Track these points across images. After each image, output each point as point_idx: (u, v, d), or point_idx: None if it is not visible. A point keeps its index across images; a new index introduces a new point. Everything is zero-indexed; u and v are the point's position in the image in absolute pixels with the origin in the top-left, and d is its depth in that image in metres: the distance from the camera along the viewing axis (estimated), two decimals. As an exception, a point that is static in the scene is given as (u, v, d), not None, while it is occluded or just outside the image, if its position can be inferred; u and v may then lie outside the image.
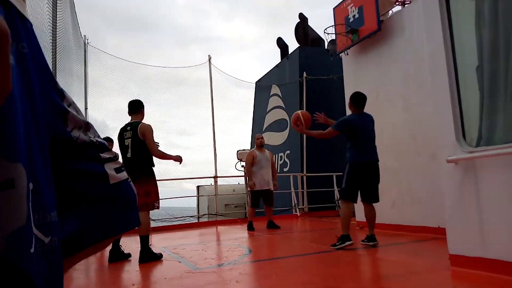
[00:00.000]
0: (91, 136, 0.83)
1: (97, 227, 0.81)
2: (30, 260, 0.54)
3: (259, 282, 3.19)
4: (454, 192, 3.06)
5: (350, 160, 4.30)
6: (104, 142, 0.86)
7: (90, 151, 0.82)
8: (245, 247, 4.90)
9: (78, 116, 0.80)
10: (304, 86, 11.60)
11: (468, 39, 3.15)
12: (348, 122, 4.34)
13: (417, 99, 5.38)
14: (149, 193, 4.14)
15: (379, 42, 6.14)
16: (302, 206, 9.60)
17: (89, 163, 0.81)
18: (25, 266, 0.53)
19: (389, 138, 5.73)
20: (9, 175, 0.52)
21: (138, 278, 3.46)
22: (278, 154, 12.79)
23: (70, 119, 0.78)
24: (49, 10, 5.26)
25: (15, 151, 0.54)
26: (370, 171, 4.28)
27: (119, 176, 0.85)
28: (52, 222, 0.62)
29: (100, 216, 0.81)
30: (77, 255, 0.80)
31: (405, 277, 3.00)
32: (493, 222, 2.76)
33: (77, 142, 0.79)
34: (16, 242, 0.52)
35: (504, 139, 2.74)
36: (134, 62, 12.44)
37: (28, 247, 0.54)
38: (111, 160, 0.85)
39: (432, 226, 4.97)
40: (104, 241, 0.84)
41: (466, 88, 3.12)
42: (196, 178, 10.65)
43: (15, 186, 0.52)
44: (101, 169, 0.82)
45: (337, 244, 4.19)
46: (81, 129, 0.80)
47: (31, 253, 0.54)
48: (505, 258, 2.64)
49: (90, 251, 0.85)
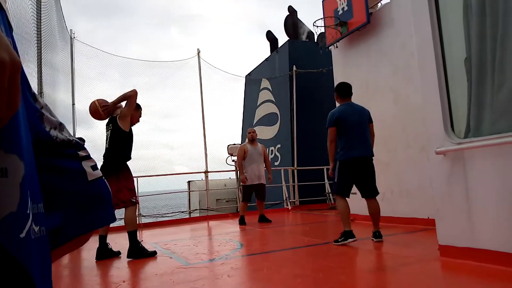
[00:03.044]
0: (67, 135, 0.86)
1: (75, 222, 0.83)
2: (19, 243, 0.57)
3: (250, 276, 3.19)
4: (443, 183, 3.09)
5: (339, 158, 4.14)
6: (79, 141, 0.89)
7: (68, 149, 0.85)
8: (236, 241, 4.90)
9: (52, 117, 0.84)
10: (294, 80, 11.59)
11: (456, 31, 3.16)
12: (334, 113, 4.18)
13: (407, 92, 5.41)
14: (120, 190, 4.09)
15: (368, 35, 6.15)
16: (293, 200, 9.63)
17: (68, 160, 0.84)
18: (14, 249, 0.56)
19: (379, 131, 5.73)
20: (3, 164, 0.55)
21: (129, 275, 3.44)
22: (269, 148, 12.79)
23: (46, 120, 0.81)
24: (33, 4, 5.15)
25: (11, 142, 0.57)
26: (362, 167, 4.13)
27: (95, 173, 0.89)
28: (40, 213, 0.66)
29: (78, 212, 0.84)
30: (57, 250, 0.82)
31: (396, 269, 3.03)
32: (482, 212, 2.79)
33: (56, 141, 0.82)
34: (7, 226, 0.55)
35: (492, 130, 2.77)
36: (124, 57, 12.29)
37: (18, 233, 0.57)
38: (87, 158, 0.89)
39: (422, 218, 5.02)
40: (82, 236, 0.87)
41: (454, 80, 3.14)
42: (186, 173, 10.61)
43: (8, 175, 0.56)
44: (79, 167, 0.86)
45: (339, 240, 4.04)
46: (57, 129, 0.84)
47: (20, 238, 0.57)
48: (493, 248, 2.68)
49: (69, 247, 0.87)
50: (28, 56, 4.79)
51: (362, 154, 4.11)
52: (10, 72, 0.48)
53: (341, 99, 4.34)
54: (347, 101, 4.31)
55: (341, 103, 4.33)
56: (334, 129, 4.16)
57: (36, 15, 5.19)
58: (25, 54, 4.76)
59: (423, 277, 2.68)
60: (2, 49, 0.48)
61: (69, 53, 8.73)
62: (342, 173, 4.14)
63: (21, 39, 4.27)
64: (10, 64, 0.48)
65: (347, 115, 4.15)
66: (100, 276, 3.56)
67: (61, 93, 7.78)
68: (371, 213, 4.16)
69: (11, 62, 0.48)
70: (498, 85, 2.76)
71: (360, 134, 4.15)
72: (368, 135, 4.24)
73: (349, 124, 4.13)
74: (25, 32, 4.78)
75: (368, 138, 4.22)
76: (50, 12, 6.45)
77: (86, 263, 4.20)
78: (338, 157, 4.18)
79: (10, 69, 0.48)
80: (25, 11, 4.64)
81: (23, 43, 4.44)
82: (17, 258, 0.56)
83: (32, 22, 5.06)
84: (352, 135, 4.12)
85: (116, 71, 9.83)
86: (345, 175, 4.13)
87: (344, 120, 4.13)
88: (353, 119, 4.15)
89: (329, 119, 4.21)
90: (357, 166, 4.11)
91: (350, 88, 4.36)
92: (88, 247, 4.98)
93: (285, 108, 12.12)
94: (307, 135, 11.05)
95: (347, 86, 4.36)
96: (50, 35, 6.41)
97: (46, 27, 6.04)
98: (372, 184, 4.19)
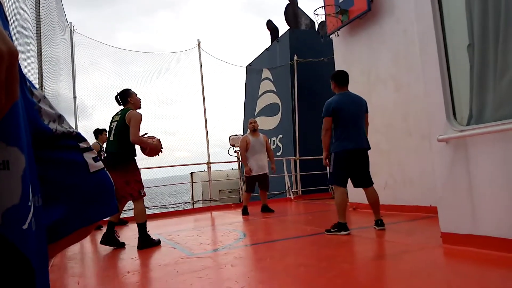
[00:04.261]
0: (67, 127, 0.85)
1: (78, 215, 0.83)
2: (22, 235, 0.58)
3: (254, 265, 3.21)
4: (445, 171, 3.09)
5: (334, 149, 4.12)
6: (79, 133, 0.88)
7: (69, 141, 0.84)
8: (239, 231, 4.93)
9: (50, 110, 0.83)
10: (295, 69, 11.52)
11: (458, 17, 3.13)
12: (331, 103, 4.14)
13: (408, 79, 5.38)
14: (129, 182, 4.12)
15: (369, 23, 6.09)
16: (295, 190, 9.66)
17: (69, 152, 0.83)
18: (17, 241, 0.57)
19: (380, 119, 5.74)
20: (5, 157, 0.56)
21: (134, 265, 3.47)
22: (271, 139, 12.78)
23: (44, 113, 0.80)
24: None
25: (12, 135, 0.58)
26: (357, 159, 4.10)
27: (97, 165, 0.88)
28: (37, 206, 0.66)
29: (80, 204, 0.83)
30: (60, 242, 0.82)
31: (398, 256, 3.04)
32: (484, 199, 2.79)
33: (56, 134, 0.81)
34: (11, 218, 0.56)
35: (494, 117, 2.75)
36: (125, 49, 12.22)
37: (21, 224, 0.58)
38: (89, 150, 0.88)
39: (424, 205, 5.03)
40: (85, 228, 0.86)
41: (456, 67, 3.11)
42: (189, 164, 10.62)
43: (10, 168, 0.57)
44: (80, 158, 0.85)
45: (331, 231, 4.07)
46: (56, 122, 0.83)
47: (23, 229, 0.58)
48: (495, 234, 2.69)
49: (72, 239, 0.86)
50: (28, 50, 4.77)
51: (356, 146, 4.09)
52: (7, 61, 0.48)
53: (338, 88, 4.29)
54: (344, 90, 4.27)
55: (338, 92, 4.28)
56: (330, 119, 4.14)
57: (35, 7, 5.16)
58: (25, 48, 4.74)
59: (425, 265, 2.69)
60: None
61: (69, 46, 8.70)
62: (337, 164, 4.13)
63: (20, 32, 4.25)
64: (7, 54, 0.48)
65: (344, 105, 4.12)
66: (105, 268, 3.60)
67: (61, 86, 7.77)
68: (370, 203, 4.18)
69: (8, 52, 0.48)
70: (500, 71, 2.74)
71: (356, 125, 4.13)
72: (364, 126, 4.22)
73: (345, 115, 4.10)
74: (24, 25, 4.75)
75: (364, 130, 4.20)
76: (50, 3, 6.40)
77: (91, 254, 4.24)
78: (333, 148, 4.16)
79: (7, 59, 0.48)
80: (23, 3, 4.60)
81: (22, 36, 4.42)
82: (21, 249, 0.57)
83: (31, 14, 5.03)
84: (348, 126, 4.10)
85: (116, 62, 9.80)
86: (340, 166, 4.12)
87: (341, 110, 4.09)
88: (349, 110, 4.12)
89: (325, 108, 4.18)
90: (352, 158, 4.10)
91: (347, 77, 4.31)
92: (94, 239, 5.02)
93: (287, 98, 12.08)
94: (309, 124, 11.02)
95: (344, 75, 4.31)
96: (50, 28, 6.37)
97: (46, 19, 6.00)
98: (366, 174, 4.18)
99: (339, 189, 4.14)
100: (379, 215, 4.16)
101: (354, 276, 2.65)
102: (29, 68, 4.36)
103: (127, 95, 4.41)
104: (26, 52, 4.59)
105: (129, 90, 4.45)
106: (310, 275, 2.67)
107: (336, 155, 4.13)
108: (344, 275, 2.63)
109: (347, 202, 4.17)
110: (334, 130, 4.17)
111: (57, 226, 0.78)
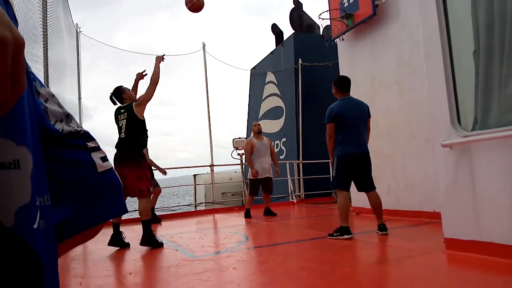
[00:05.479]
0: (75, 127, 0.85)
1: (85, 215, 0.82)
2: (33, 234, 0.58)
3: (256, 269, 3.21)
4: (449, 176, 3.07)
5: (337, 154, 4.14)
6: (88, 132, 0.88)
7: (77, 140, 0.83)
8: (242, 234, 4.92)
9: (58, 109, 0.82)
10: (299, 73, 11.53)
11: (463, 21, 3.12)
12: (333, 109, 4.16)
13: (412, 84, 5.37)
14: (140, 177, 4.16)
15: (374, 27, 6.09)
16: (298, 193, 9.64)
17: (77, 151, 0.83)
18: (29, 240, 0.57)
19: (384, 123, 5.73)
20: (16, 156, 0.56)
21: (135, 267, 3.47)
22: (274, 142, 12.78)
23: (50, 113, 0.80)
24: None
25: (21, 134, 0.58)
26: (359, 163, 4.12)
27: (105, 165, 0.87)
28: (46, 205, 0.66)
29: (88, 204, 0.83)
30: (67, 242, 0.81)
31: (401, 261, 3.03)
32: (487, 205, 2.78)
33: (63, 133, 0.81)
34: (22, 217, 0.56)
35: (499, 122, 2.74)
36: (130, 51, 12.29)
37: (32, 223, 0.58)
38: (97, 150, 0.87)
39: (427, 211, 5.01)
40: (93, 228, 0.86)
41: (461, 72, 3.10)
42: (192, 167, 10.63)
43: (20, 167, 0.57)
44: (88, 158, 0.84)
45: (334, 235, 4.05)
46: (63, 121, 0.82)
47: (34, 228, 0.58)
48: (499, 241, 2.67)
49: (79, 239, 0.85)
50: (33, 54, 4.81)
51: (359, 150, 4.11)
52: (13, 51, 0.46)
53: (340, 93, 4.30)
54: (346, 96, 4.28)
55: (340, 97, 4.29)
56: (332, 125, 4.15)
57: (42, 8, 5.20)
58: (31, 49, 4.78)
59: (428, 270, 2.67)
60: (4, 26, 0.45)
61: (75, 47, 8.75)
62: (340, 168, 4.14)
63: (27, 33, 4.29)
64: (12, 43, 0.46)
65: (346, 110, 4.13)
66: (107, 268, 3.60)
67: (66, 88, 7.82)
68: (373, 207, 4.17)
69: (13, 41, 0.46)
70: (506, 77, 2.73)
71: (357, 130, 4.14)
72: (365, 131, 4.23)
73: (347, 120, 4.11)
74: (31, 25, 4.79)
75: (364, 135, 4.21)
76: (57, 5, 6.45)
77: (93, 255, 4.25)
78: (335, 153, 4.18)
79: (12, 48, 0.46)
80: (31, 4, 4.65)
81: (29, 37, 4.46)
82: (33, 248, 0.58)
83: (39, 15, 5.08)
84: (349, 131, 4.11)
85: (119, 64, 9.86)
86: (343, 170, 4.13)
87: (343, 116, 4.11)
88: (351, 115, 4.13)
89: (327, 115, 4.19)
90: (354, 162, 4.11)
91: (349, 83, 4.33)
92: (96, 239, 5.03)
93: (291, 101, 12.08)
94: (313, 128, 11.01)
95: (347, 80, 4.33)
96: (56, 31, 6.42)
97: (53, 23, 6.05)
98: (368, 178, 4.18)
99: (342, 193, 4.14)
100: (382, 219, 4.15)
101: (356, 280, 2.64)
102: (34, 68, 4.40)
103: (120, 92, 4.46)
104: (32, 59, 4.63)
105: (121, 87, 4.50)
106: (312, 279, 2.66)
107: (339, 159, 4.13)
108: (346, 279, 2.62)
109: (350, 206, 4.16)
110: (337, 135, 4.17)
111: (64, 225, 0.78)
